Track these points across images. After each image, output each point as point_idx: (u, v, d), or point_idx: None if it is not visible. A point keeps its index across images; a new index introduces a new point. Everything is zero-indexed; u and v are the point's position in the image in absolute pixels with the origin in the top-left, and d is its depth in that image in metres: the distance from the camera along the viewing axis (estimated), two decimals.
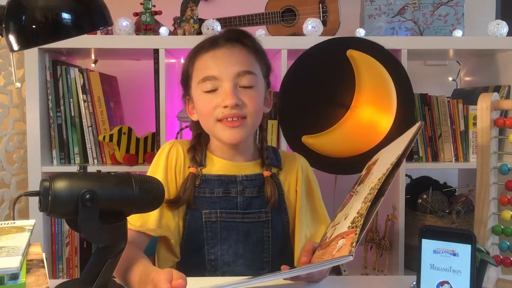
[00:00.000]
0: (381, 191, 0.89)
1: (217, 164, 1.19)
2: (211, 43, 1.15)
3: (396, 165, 0.91)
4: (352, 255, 0.80)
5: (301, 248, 1.15)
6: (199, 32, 1.72)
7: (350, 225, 0.88)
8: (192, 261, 1.15)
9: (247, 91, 1.12)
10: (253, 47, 1.17)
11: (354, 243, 0.81)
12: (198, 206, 1.15)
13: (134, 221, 1.09)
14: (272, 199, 1.16)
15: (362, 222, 0.84)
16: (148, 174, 1.08)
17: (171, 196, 1.15)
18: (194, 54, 1.16)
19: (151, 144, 1.79)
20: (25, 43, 0.80)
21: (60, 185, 0.82)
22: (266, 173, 1.19)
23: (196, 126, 1.23)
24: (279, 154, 1.26)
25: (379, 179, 0.89)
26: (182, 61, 1.22)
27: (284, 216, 1.20)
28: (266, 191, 1.17)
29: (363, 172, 1.06)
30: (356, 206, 0.92)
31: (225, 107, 1.10)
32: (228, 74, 1.11)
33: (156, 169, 1.18)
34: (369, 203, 0.86)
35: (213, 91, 1.12)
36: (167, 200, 1.12)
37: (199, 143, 1.21)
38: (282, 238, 1.19)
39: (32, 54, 1.66)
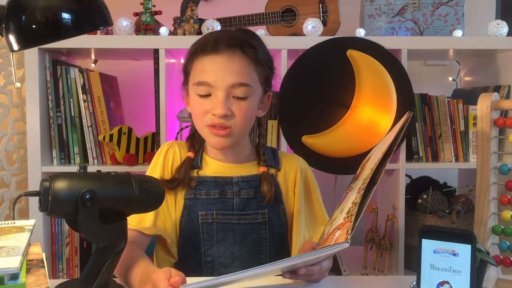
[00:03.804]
0: (373, 180, 0.91)
1: (213, 166, 1.20)
2: (213, 46, 1.12)
3: (387, 154, 0.93)
4: (348, 242, 0.81)
5: (299, 249, 1.15)
6: (199, 32, 1.72)
7: (346, 216, 0.89)
8: (189, 262, 1.16)
9: (239, 103, 1.12)
10: (253, 56, 1.14)
11: (350, 231, 0.82)
12: (194, 207, 1.16)
13: (131, 220, 1.10)
14: (268, 194, 1.16)
15: (356, 210, 0.85)
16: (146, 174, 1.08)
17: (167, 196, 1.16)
18: (195, 52, 1.15)
19: (151, 144, 1.79)
20: (25, 43, 0.80)
21: (60, 185, 0.82)
22: (262, 169, 1.20)
23: None
24: (278, 155, 1.26)
25: (371, 169, 0.91)
26: (182, 61, 1.22)
27: (282, 217, 1.20)
28: (263, 187, 1.17)
29: (358, 170, 1.07)
30: (351, 198, 0.94)
31: (214, 115, 1.10)
32: (222, 83, 1.10)
33: (154, 169, 1.20)
34: (362, 192, 0.88)
35: (206, 96, 1.12)
36: (163, 180, 1.15)
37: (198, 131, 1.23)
38: (279, 240, 1.19)
39: (32, 54, 1.66)
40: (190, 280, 0.86)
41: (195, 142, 1.22)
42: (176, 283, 0.82)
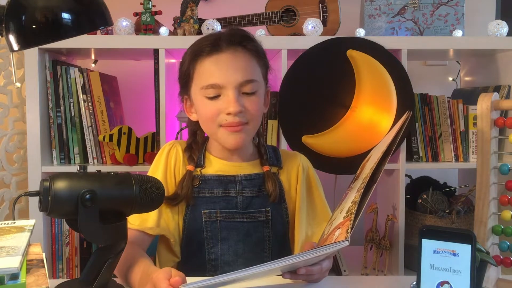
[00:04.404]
0: (373, 179, 0.91)
1: (216, 164, 1.20)
2: (213, 46, 1.12)
3: (387, 153, 0.94)
4: (348, 240, 0.81)
5: (300, 247, 1.16)
6: (199, 32, 1.72)
7: (345, 215, 0.89)
8: (192, 261, 1.16)
9: (250, 98, 1.13)
10: (255, 51, 1.15)
11: (350, 229, 0.82)
12: (197, 206, 1.15)
13: (134, 220, 1.10)
14: (273, 193, 1.16)
15: (356, 208, 0.85)
16: (148, 174, 1.08)
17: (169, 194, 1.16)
18: (195, 56, 1.14)
19: (151, 144, 1.79)
20: (25, 43, 0.80)
21: (60, 185, 0.82)
22: (266, 168, 1.20)
23: (192, 125, 1.23)
24: (279, 153, 1.26)
25: (371, 168, 0.91)
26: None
27: (284, 216, 1.20)
28: (268, 186, 1.17)
29: (358, 171, 1.07)
30: (351, 198, 0.94)
31: (229, 114, 1.10)
32: (232, 82, 1.10)
33: (156, 169, 1.20)
34: (362, 191, 0.88)
35: (216, 97, 1.12)
36: (166, 197, 1.12)
37: (195, 142, 1.23)
38: (282, 238, 1.19)
39: (32, 54, 1.66)
40: (190, 279, 0.86)
41: (193, 153, 1.21)
42: (176, 283, 0.82)
